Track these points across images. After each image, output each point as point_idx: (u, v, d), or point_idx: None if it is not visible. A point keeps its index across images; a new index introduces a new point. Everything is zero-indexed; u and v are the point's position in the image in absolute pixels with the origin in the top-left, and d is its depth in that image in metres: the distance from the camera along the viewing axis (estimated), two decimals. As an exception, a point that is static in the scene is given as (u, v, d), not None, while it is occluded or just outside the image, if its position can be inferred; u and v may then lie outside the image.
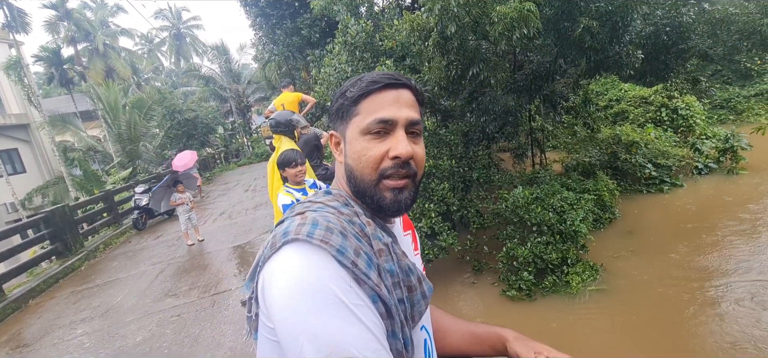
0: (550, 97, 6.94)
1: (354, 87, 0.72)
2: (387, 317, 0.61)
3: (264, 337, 0.63)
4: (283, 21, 10.48)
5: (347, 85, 0.74)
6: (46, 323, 5.16)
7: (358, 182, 0.71)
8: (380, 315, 0.60)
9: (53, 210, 8.02)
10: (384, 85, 0.70)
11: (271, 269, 0.60)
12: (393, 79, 0.71)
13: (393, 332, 0.62)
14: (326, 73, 6.43)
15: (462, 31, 4.81)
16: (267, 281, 0.60)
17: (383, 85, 0.70)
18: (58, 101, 25.27)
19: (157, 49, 36.71)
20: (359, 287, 0.59)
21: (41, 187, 18.66)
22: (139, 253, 7.74)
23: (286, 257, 0.60)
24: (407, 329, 0.65)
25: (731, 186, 7.27)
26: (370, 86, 0.70)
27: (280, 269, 0.59)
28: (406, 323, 0.65)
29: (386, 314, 0.61)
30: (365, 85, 0.71)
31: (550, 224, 4.87)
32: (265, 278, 0.61)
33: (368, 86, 0.71)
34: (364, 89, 0.71)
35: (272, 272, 0.60)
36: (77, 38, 25.38)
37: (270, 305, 0.58)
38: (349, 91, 0.73)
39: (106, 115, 17.28)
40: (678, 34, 5.57)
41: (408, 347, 0.64)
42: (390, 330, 0.61)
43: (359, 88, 0.71)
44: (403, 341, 0.63)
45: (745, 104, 13.10)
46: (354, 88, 0.72)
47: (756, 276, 4.31)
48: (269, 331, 0.61)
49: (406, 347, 0.64)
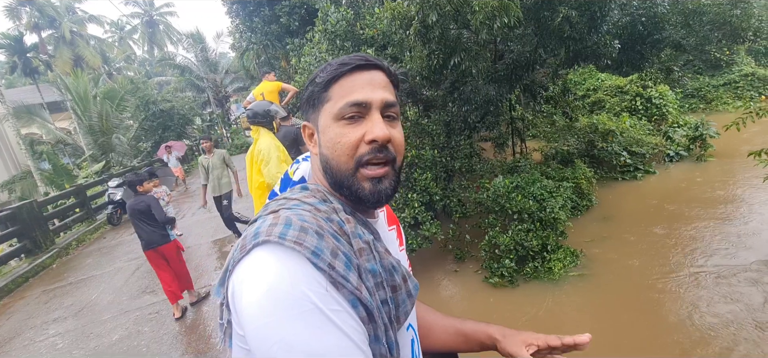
0: (530, 86, 7.01)
1: (324, 72, 0.68)
2: (369, 321, 0.58)
3: (238, 346, 0.59)
4: (260, 8, 10.16)
5: (317, 72, 0.70)
6: (15, 324, 4.95)
7: (334, 172, 0.67)
8: (361, 320, 0.56)
9: (20, 206, 7.66)
10: (355, 66, 0.67)
11: (240, 274, 0.56)
12: (364, 61, 0.67)
13: (376, 337, 0.58)
14: (306, 62, 6.30)
15: (443, 20, 4.77)
16: (237, 287, 0.55)
17: (354, 67, 0.66)
18: (23, 92, 23.97)
19: (128, 37, 35.23)
20: (337, 291, 0.55)
21: (7, 182, 17.78)
22: (115, 249, 7.49)
23: (256, 260, 0.55)
24: (391, 332, 0.61)
25: (700, 172, 7.57)
26: (340, 69, 0.67)
27: (250, 274, 0.55)
28: (391, 325, 0.62)
29: (368, 318, 0.57)
30: (335, 68, 0.67)
31: (530, 211, 4.95)
32: (235, 283, 0.56)
33: (338, 69, 0.67)
34: (334, 72, 0.67)
35: (242, 278, 0.55)
36: (41, 25, 24.11)
37: (240, 313, 0.54)
38: (318, 77, 0.69)
39: (76, 106, 16.53)
40: (653, 24, 5.69)
41: (392, 350, 0.61)
42: (373, 334, 0.58)
43: (329, 72, 0.67)
44: (387, 346, 0.60)
45: (714, 93, 13.65)
46: (324, 73, 0.68)
47: (722, 259, 4.52)
48: (241, 339, 0.57)
49: (390, 351, 0.60)
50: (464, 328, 0.91)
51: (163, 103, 18.18)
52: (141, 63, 35.63)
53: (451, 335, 0.92)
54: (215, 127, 25.97)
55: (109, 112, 16.49)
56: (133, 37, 35.45)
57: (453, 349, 0.92)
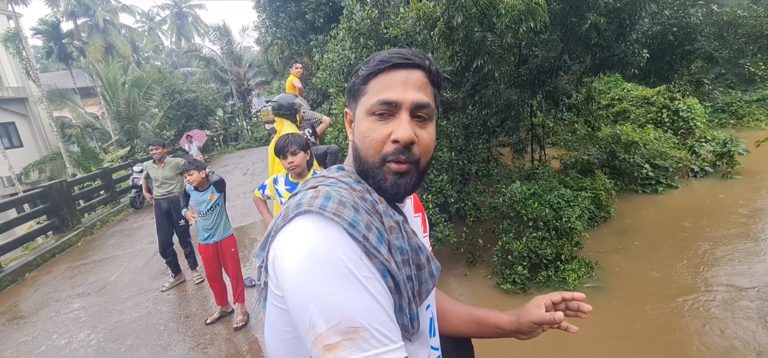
0: (553, 93, 6.91)
1: (366, 65, 0.71)
2: (395, 291, 0.62)
3: (273, 305, 0.65)
4: (287, 4, 10.32)
5: (361, 64, 0.73)
6: (42, 296, 5.18)
7: (362, 161, 0.70)
8: (389, 289, 0.61)
9: (50, 185, 8.00)
10: (393, 64, 0.68)
11: (282, 239, 0.61)
12: (403, 59, 0.69)
13: (400, 307, 0.63)
14: (329, 59, 6.36)
15: (468, 22, 4.77)
16: (278, 251, 0.60)
17: (392, 65, 0.68)
18: (57, 76, 24.98)
19: (157, 28, 36.26)
20: (369, 260, 0.59)
21: (38, 162, 18.55)
22: (136, 231, 7.75)
23: (298, 227, 0.60)
24: (414, 306, 0.65)
25: (724, 190, 7.31)
26: (379, 65, 0.69)
27: (291, 239, 0.60)
28: (414, 299, 0.66)
29: (395, 288, 0.62)
30: (375, 64, 0.70)
31: (546, 219, 4.90)
32: (277, 247, 0.61)
33: (377, 65, 0.69)
34: (373, 68, 0.70)
35: (284, 242, 0.60)
36: (77, 13, 25.07)
37: (281, 274, 0.59)
38: (361, 70, 0.72)
39: (105, 93, 17.14)
40: (685, 34, 5.54)
41: (414, 322, 0.65)
42: (398, 304, 0.62)
43: (369, 67, 0.70)
44: (409, 317, 0.64)
45: (746, 109, 13.10)
46: (365, 67, 0.71)
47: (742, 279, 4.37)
48: (278, 299, 0.62)
49: (412, 323, 0.64)
50: (479, 314, 0.95)
51: (187, 93, 18.65)
52: (168, 53, 36.63)
53: (465, 322, 0.96)
54: (236, 120, 26.48)
55: (136, 99, 17.04)
56: (163, 28, 36.47)
57: (467, 334, 0.96)
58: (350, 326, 0.54)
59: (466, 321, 0.95)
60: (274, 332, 0.67)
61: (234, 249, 3.65)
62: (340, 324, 0.54)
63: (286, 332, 0.64)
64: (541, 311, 0.89)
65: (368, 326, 0.54)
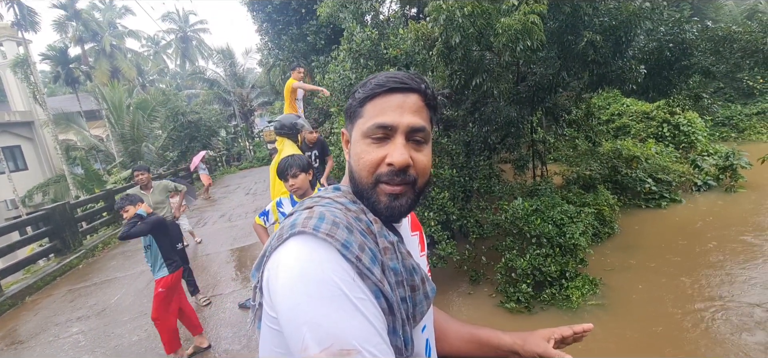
0: (553, 109, 6.96)
1: (363, 88, 0.72)
2: (389, 313, 0.62)
3: (267, 326, 0.64)
4: (289, 27, 10.56)
5: (358, 86, 0.74)
6: (42, 320, 5.14)
7: (356, 182, 0.71)
8: (382, 311, 0.60)
9: (53, 208, 8.03)
10: (389, 88, 0.69)
11: (276, 260, 0.61)
12: (399, 83, 0.69)
13: (394, 329, 0.62)
14: (330, 80, 6.46)
15: (466, 42, 4.84)
16: (272, 271, 0.61)
17: (388, 89, 0.69)
18: (63, 100, 25.41)
19: (163, 52, 37.00)
20: (362, 281, 0.59)
21: (42, 184, 18.69)
22: (138, 253, 7.71)
23: (291, 248, 0.60)
24: (408, 328, 0.65)
25: (729, 204, 7.25)
26: (375, 89, 0.70)
27: (285, 259, 0.60)
28: (408, 321, 0.65)
29: (388, 310, 0.61)
30: (371, 87, 0.70)
31: (549, 236, 4.86)
32: (271, 268, 0.62)
33: (373, 89, 0.70)
34: (369, 92, 0.70)
35: (277, 263, 0.60)
36: (85, 38, 25.66)
37: (274, 294, 0.59)
38: (358, 92, 0.73)
39: (110, 115, 17.38)
40: (681, 50, 5.60)
41: (408, 345, 0.64)
42: (391, 326, 0.62)
43: (365, 91, 0.71)
44: (403, 340, 0.63)
45: (746, 123, 13.13)
46: (362, 89, 0.72)
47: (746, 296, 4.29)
48: (272, 320, 0.62)
49: (405, 346, 0.64)
50: (479, 334, 0.93)
51: (191, 115, 18.89)
52: (173, 76, 37.27)
53: (465, 342, 0.94)
54: (239, 140, 26.71)
55: (140, 121, 17.27)
56: (167, 52, 37.22)
57: (467, 355, 0.94)
58: (343, 348, 0.53)
59: (466, 341, 0.94)
60: (267, 353, 0.66)
61: (160, 289, 3.38)
62: (332, 347, 0.53)
63: (280, 353, 0.64)
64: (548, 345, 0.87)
65: (361, 348, 0.54)
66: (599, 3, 5.23)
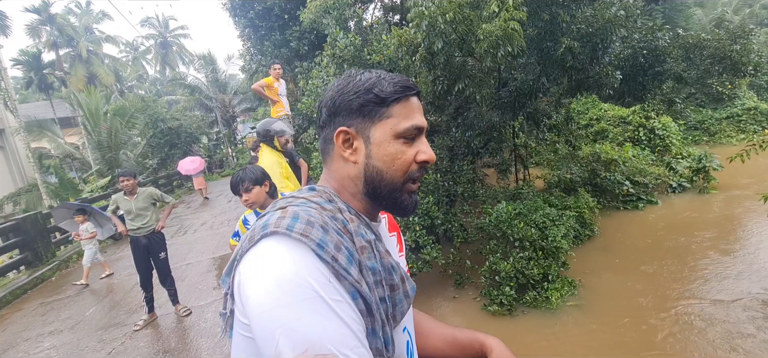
0: (534, 114, 7.09)
1: (384, 86, 0.69)
2: (367, 314, 0.60)
3: (239, 334, 0.61)
4: (272, 33, 10.47)
5: (370, 83, 0.69)
6: (11, 336, 4.91)
7: (384, 182, 0.69)
8: (360, 312, 0.58)
9: (24, 218, 7.72)
10: (415, 92, 0.73)
11: (247, 263, 0.58)
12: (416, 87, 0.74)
13: (373, 330, 0.60)
14: (314, 85, 6.43)
15: (448, 48, 4.90)
16: (243, 275, 0.58)
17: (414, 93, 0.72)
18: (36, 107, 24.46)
19: (142, 57, 36.19)
20: (339, 282, 0.57)
21: (13, 194, 17.90)
22: (115, 263, 7.47)
23: (263, 250, 0.58)
24: (388, 329, 0.63)
25: (702, 204, 7.52)
26: (406, 91, 0.70)
27: (256, 262, 0.57)
28: (387, 322, 0.64)
29: (366, 311, 0.60)
30: (400, 88, 0.70)
31: (532, 239, 4.93)
32: (242, 272, 0.59)
33: (404, 91, 0.70)
34: (400, 93, 0.69)
35: (249, 266, 0.58)
36: (60, 43, 24.89)
37: (245, 300, 0.56)
38: (376, 88, 0.69)
39: (87, 122, 16.83)
40: (654, 57, 5.81)
41: (388, 346, 0.63)
42: (370, 328, 0.60)
43: (393, 90, 0.69)
44: (383, 340, 0.62)
45: (717, 126, 13.71)
46: (385, 88, 0.69)
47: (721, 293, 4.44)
48: (244, 327, 0.59)
49: (386, 346, 0.62)
50: (460, 337, 0.92)
51: (171, 121, 18.48)
52: (152, 82, 36.42)
53: (447, 343, 0.92)
54: (221, 147, 26.27)
55: (118, 128, 16.76)
56: (147, 57, 36.40)
57: (448, 356, 0.92)
58: (318, 354, 0.51)
59: (448, 343, 0.92)
60: None
61: None
62: (307, 352, 0.51)
63: None
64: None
65: (337, 352, 0.52)
66: (576, 10, 5.39)
